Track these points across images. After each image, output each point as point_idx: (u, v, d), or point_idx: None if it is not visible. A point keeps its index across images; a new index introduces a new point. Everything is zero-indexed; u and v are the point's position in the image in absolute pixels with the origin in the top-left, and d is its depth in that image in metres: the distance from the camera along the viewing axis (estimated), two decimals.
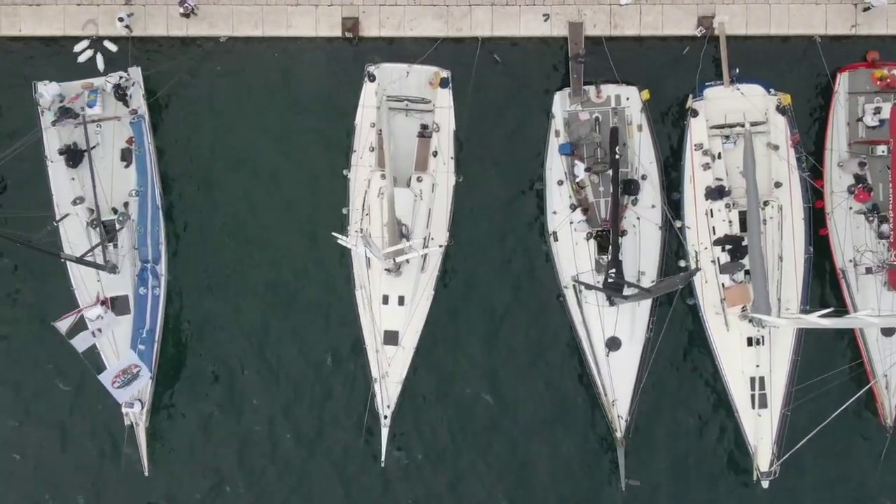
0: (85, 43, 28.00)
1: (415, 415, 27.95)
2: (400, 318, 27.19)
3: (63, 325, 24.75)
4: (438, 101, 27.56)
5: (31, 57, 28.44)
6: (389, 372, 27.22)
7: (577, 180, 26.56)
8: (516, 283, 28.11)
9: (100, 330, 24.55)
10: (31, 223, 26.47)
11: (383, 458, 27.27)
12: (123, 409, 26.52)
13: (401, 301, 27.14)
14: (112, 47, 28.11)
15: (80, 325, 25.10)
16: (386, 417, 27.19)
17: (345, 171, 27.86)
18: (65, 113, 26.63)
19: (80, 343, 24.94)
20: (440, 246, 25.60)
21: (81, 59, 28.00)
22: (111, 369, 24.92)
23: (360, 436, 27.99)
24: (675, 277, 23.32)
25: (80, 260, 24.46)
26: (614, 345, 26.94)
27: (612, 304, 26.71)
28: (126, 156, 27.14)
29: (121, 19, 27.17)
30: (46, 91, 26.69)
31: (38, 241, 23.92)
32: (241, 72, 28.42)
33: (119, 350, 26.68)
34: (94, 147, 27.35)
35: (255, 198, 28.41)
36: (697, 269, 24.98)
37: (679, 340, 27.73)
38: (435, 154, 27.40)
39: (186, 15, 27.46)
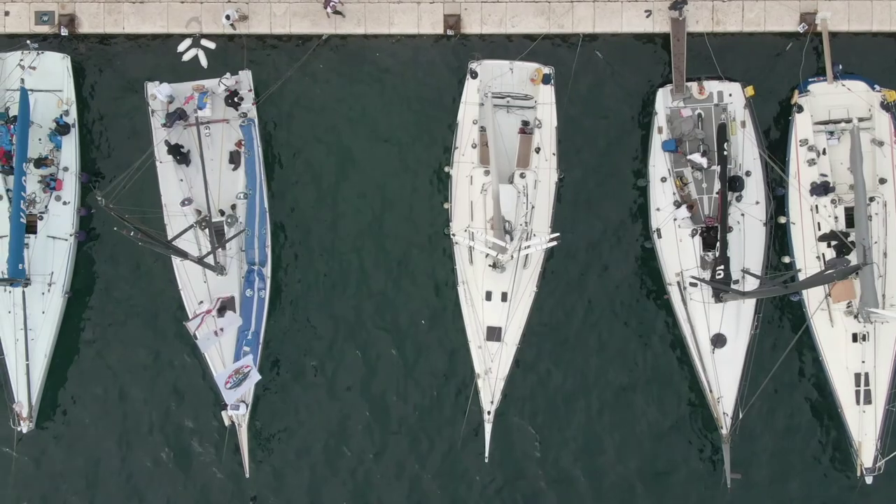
0: (188, 42, 28.53)
1: (517, 411, 28.03)
2: (503, 315, 27.54)
3: (192, 325, 25.24)
4: (540, 97, 27.98)
5: (135, 55, 28.71)
6: (492, 368, 27.53)
7: (696, 163, 27.03)
8: (619, 280, 28.59)
9: (222, 330, 25.01)
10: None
11: (487, 453, 27.47)
12: (228, 411, 26.78)
13: (504, 297, 27.51)
14: (210, 45, 28.55)
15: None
16: (489, 413, 27.52)
17: (446, 168, 28.22)
18: (178, 115, 26.98)
19: (205, 343, 25.47)
20: (557, 239, 25.70)
21: (185, 57, 28.40)
22: (227, 369, 25.30)
23: (460, 431, 28.07)
24: (833, 270, 23.01)
25: (200, 261, 25.02)
26: (720, 341, 27.26)
27: (718, 300, 26.94)
28: (234, 158, 27.72)
29: (228, 17, 27.47)
30: (159, 92, 27.31)
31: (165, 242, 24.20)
32: (343, 70, 28.93)
33: (223, 352, 26.97)
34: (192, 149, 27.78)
35: (357, 196, 29.03)
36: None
37: (783, 337, 27.85)
38: (537, 150, 27.81)
39: (337, 13, 28.02)
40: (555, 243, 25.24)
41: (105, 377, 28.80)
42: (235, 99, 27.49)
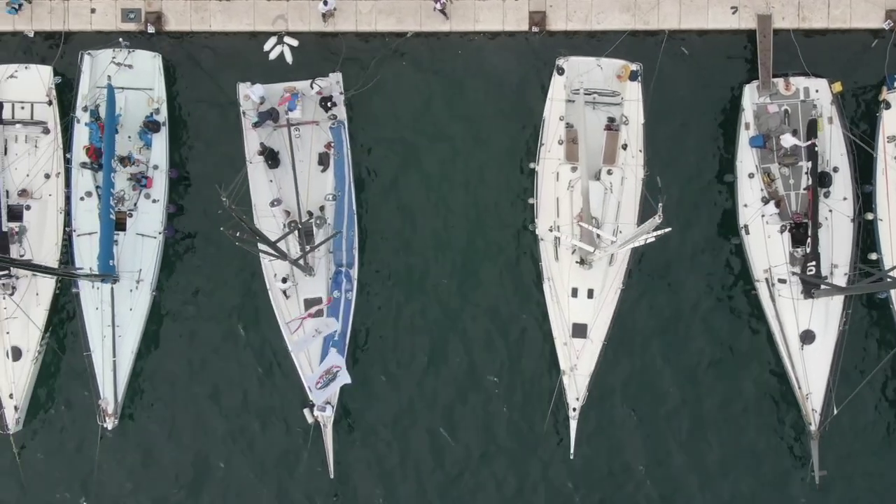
0: (273, 40, 28.86)
1: (603, 408, 28.29)
2: (589, 311, 27.80)
3: (293, 325, 25.53)
4: (627, 94, 28.31)
5: (221, 52, 29.25)
6: (578, 365, 27.80)
7: (788, 146, 27.40)
8: (706, 276, 28.96)
9: (318, 331, 25.31)
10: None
11: (572, 450, 27.71)
12: (315, 412, 27.08)
13: (590, 294, 27.80)
14: (293, 42, 29.02)
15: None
16: (574, 410, 27.77)
17: (531, 165, 28.55)
18: (270, 116, 27.47)
19: (299, 346, 25.82)
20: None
21: (272, 56, 28.83)
22: (318, 370, 25.62)
23: (543, 428, 28.32)
24: None
25: (295, 262, 25.54)
26: (808, 338, 27.43)
27: (808, 296, 27.10)
28: (323, 160, 28.18)
29: (325, 2, 27.99)
30: (252, 93, 27.66)
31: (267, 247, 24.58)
32: (427, 68, 29.30)
33: (310, 353, 27.32)
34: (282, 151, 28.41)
35: (441, 194, 29.48)
36: None
37: (871, 333, 27.99)
38: (624, 147, 28.14)
39: (442, 12, 28.49)
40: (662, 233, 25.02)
41: (187, 375, 29.27)
42: (329, 103, 27.73)
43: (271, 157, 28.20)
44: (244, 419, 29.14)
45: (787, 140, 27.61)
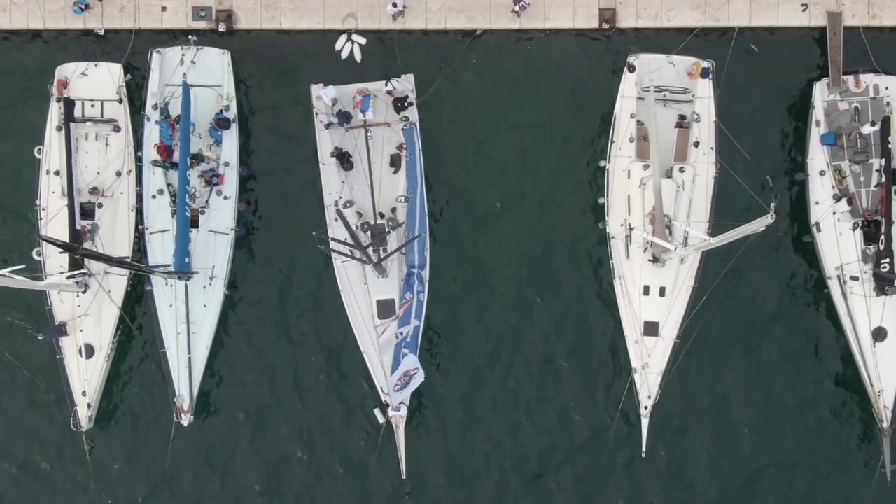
0: (343, 38, 29.12)
1: (673, 407, 28.53)
2: (660, 309, 28.04)
3: (381, 327, 25.80)
4: (698, 91, 28.54)
5: (291, 50, 29.52)
6: (649, 363, 28.02)
7: (865, 134, 27.74)
8: (777, 274, 29.31)
9: (401, 333, 25.56)
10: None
11: (644, 448, 27.96)
12: (390, 412, 27.39)
13: (661, 292, 28.03)
14: (361, 40, 29.26)
15: None
16: (646, 409, 28.02)
17: (602, 162, 28.80)
18: (343, 118, 27.89)
19: (386, 346, 25.98)
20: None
21: (343, 55, 29.09)
22: (397, 372, 25.89)
23: (612, 425, 28.61)
24: None
25: (377, 264, 26.08)
26: (881, 335, 27.69)
27: (880, 293, 27.34)
28: (395, 161, 28.53)
29: (395, 4, 28.17)
30: (325, 94, 28.01)
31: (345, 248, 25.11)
32: (496, 65, 29.61)
33: (382, 354, 27.58)
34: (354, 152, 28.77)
35: (511, 193, 29.85)
36: None
37: None
38: (696, 144, 28.36)
39: (515, 12, 28.80)
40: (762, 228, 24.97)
41: (258, 372, 29.53)
42: (402, 104, 28.11)
43: (344, 159, 28.39)
44: (314, 417, 29.47)
45: (867, 128, 27.78)
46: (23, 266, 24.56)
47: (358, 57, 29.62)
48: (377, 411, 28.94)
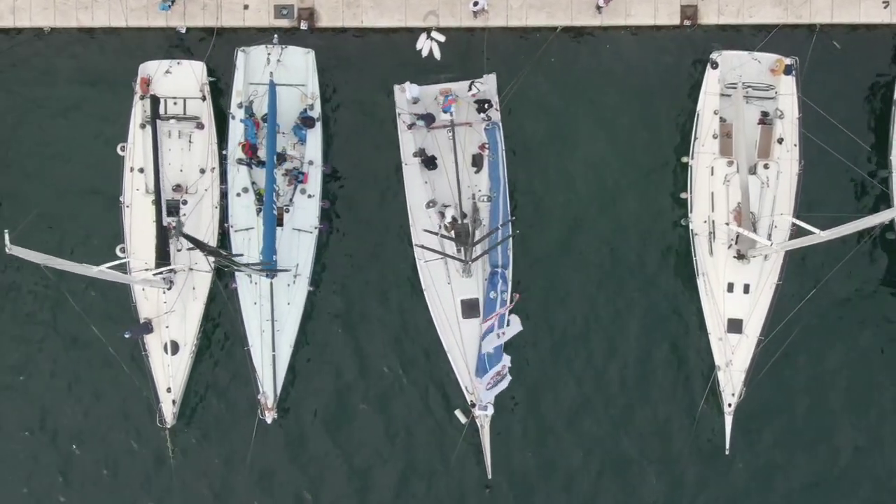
0: (423, 37, 29.46)
1: (758, 405, 28.68)
2: (744, 307, 28.17)
3: (484, 326, 26.01)
4: (782, 88, 28.75)
5: (372, 48, 29.88)
6: (733, 360, 28.16)
7: None
8: (859, 271, 29.46)
9: (503, 332, 25.77)
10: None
11: (728, 446, 28.15)
12: (477, 411, 27.62)
13: (745, 289, 28.17)
14: (440, 38, 29.51)
15: None
16: (730, 405, 28.15)
17: (684, 159, 29.01)
18: (427, 119, 28.36)
19: (488, 345, 26.20)
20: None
21: (424, 53, 29.38)
22: (490, 372, 26.15)
23: (694, 422, 28.84)
24: None
25: (466, 263, 26.53)
26: None
27: None
28: (476, 161, 28.88)
29: (476, 3, 28.46)
30: (409, 92, 28.39)
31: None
32: (577, 62, 30.00)
33: (466, 353, 27.89)
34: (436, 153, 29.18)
35: (592, 190, 30.19)
36: None
37: None
38: (780, 141, 28.56)
39: (599, 8, 29.14)
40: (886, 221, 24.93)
41: (339, 369, 29.85)
42: (485, 105, 28.42)
43: (427, 159, 28.64)
44: (394, 416, 29.80)
45: None
46: (123, 259, 24.93)
47: (437, 55, 29.88)
48: (458, 412, 29.19)
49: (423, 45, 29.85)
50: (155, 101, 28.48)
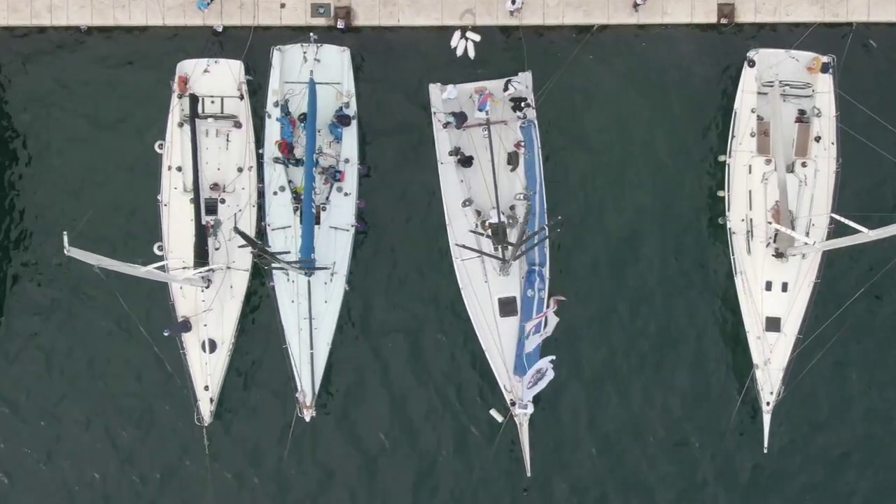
0: (457, 36, 29.55)
1: (796, 403, 28.75)
2: (782, 305, 28.24)
3: (530, 324, 26.13)
4: (819, 86, 28.86)
5: (408, 47, 30.07)
6: (771, 359, 28.21)
7: None
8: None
9: (547, 332, 25.89)
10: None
11: (766, 445, 28.22)
12: (516, 410, 27.81)
13: (784, 287, 28.22)
14: (476, 37, 29.64)
15: None
16: (768, 404, 28.21)
17: (721, 157, 29.08)
18: (460, 118, 28.54)
19: (532, 343, 26.28)
20: None
21: (459, 52, 29.49)
22: (531, 370, 26.25)
23: (730, 422, 28.86)
24: None
25: (505, 262, 26.77)
26: None
27: None
28: (512, 159, 28.96)
29: (513, 1, 28.57)
30: (447, 93, 28.29)
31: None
32: (613, 60, 30.16)
33: (504, 350, 28.00)
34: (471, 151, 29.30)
35: (629, 188, 30.34)
36: None
37: None
38: (817, 139, 28.64)
39: (636, 6, 29.39)
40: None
41: (375, 367, 29.91)
42: (522, 103, 28.48)
43: (463, 158, 28.79)
44: (429, 415, 29.90)
45: None
46: (164, 261, 25.04)
47: (472, 54, 30.02)
48: (494, 411, 29.29)
49: (458, 43, 29.96)
50: (194, 99, 28.62)
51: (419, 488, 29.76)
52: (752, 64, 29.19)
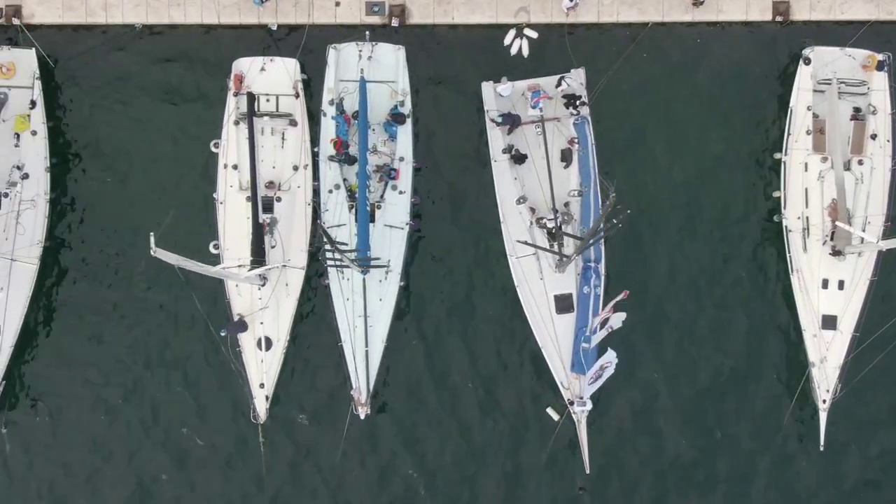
0: (512, 33, 29.69)
1: (854, 401, 28.82)
2: (839, 303, 28.37)
3: (597, 319, 26.29)
4: (874, 83, 29.08)
5: (460, 45, 30.26)
6: (828, 357, 28.31)
7: None
8: None
9: (612, 327, 26.01)
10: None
11: (822, 443, 28.31)
12: (575, 407, 27.93)
13: (840, 285, 28.33)
14: (533, 34, 29.76)
15: None
16: (825, 402, 28.29)
17: (777, 155, 29.19)
18: (511, 120, 28.84)
19: (597, 338, 26.45)
20: None
21: (513, 50, 29.61)
22: (594, 367, 26.38)
23: (784, 418, 29.11)
24: None
25: (563, 259, 26.86)
26: None
27: None
28: (566, 156, 29.16)
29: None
30: (502, 89, 28.45)
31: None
32: (667, 58, 30.38)
33: (560, 348, 28.30)
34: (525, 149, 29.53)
35: (682, 186, 30.51)
36: None
37: None
38: (873, 137, 28.81)
39: (697, 4, 29.42)
40: None
41: (432, 367, 30.22)
42: (575, 101, 28.81)
43: (517, 156, 28.98)
44: (484, 412, 30.02)
45: None
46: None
47: (525, 52, 30.17)
48: (550, 410, 29.43)
49: (513, 41, 30.12)
50: (251, 98, 28.84)
51: (474, 487, 29.91)
52: (807, 62, 29.33)
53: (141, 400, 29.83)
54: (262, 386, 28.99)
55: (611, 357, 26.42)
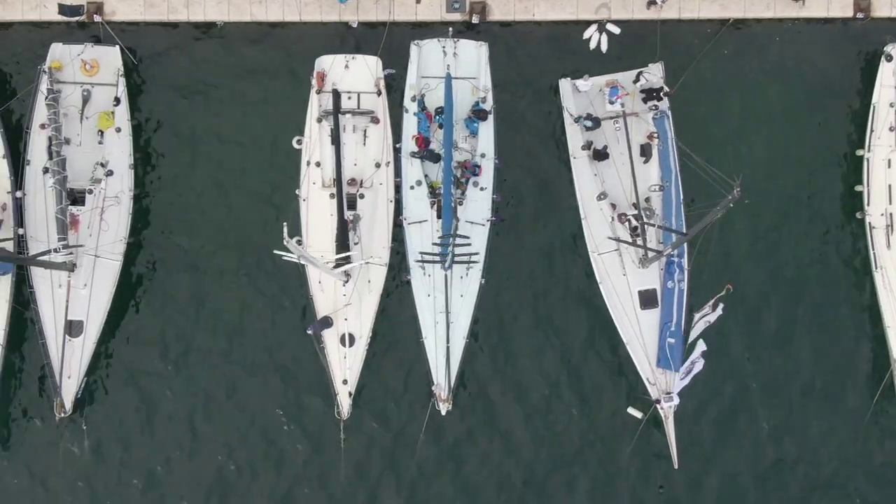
0: (593, 28, 29.79)
1: None
2: None
3: (699, 315, 26.69)
4: None
5: (538, 41, 30.69)
6: None
7: None
8: None
9: (709, 321, 26.27)
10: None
11: None
12: (662, 403, 28.23)
13: None
14: (615, 30, 30.03)
15: None
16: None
17: (859, 151, 29.53)
18: (591, 120, 29.31)
19: (696, 331, 26.76)
20: None
21: (592, 45, 29.86)
22: (686, 362, 26.69)
23: (865, 418, 29.39)
24: None
25: (648, 255, 26.96)
26: None
27: None
28: (645, 151, 29.39)
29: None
30: (581, 85, 28.80)
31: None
32: (747, 54, 30.73)
33: (646, 343, 28.70)
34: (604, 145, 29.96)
35: (762, 181, 30.59)
36: None
37: None
38: None
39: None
40: None
41: (513, 364, 30.57)
42: (656, 95, 29.10)
43: (597, 152, 29.27)
44: (567, 408, 30.39)
45: None
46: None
47: (604, 47, 30.38)
48: (632, 409, 29.70)
49: (593, 36, 30.36)
50: (337, 95, 29.19)
51: (555, 485, 30.24)
52: (889, 58, 29.55)
53: (232, 391, 30.32)
54: (345, 382, 29.38)
55: (700, 352, 26.73)
